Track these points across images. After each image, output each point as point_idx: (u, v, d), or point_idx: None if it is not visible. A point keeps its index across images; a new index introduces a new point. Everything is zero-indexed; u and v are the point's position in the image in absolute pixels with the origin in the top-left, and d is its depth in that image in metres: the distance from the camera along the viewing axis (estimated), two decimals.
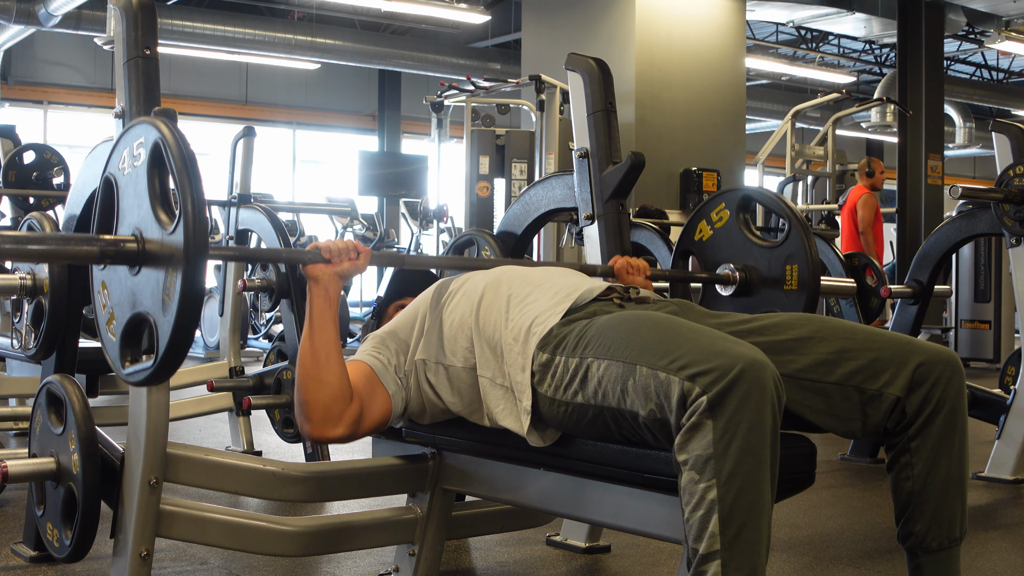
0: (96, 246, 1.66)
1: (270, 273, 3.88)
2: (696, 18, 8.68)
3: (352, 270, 1.93)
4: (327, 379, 1.87)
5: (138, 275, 1.66)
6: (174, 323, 1.56)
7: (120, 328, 1.70)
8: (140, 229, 1.65)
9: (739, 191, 2.57)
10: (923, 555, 1.75)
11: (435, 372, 1.96)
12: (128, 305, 1.68)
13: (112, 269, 1.72)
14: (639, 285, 2.38)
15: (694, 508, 1.50)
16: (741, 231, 2.53)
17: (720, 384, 1.50)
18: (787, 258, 2.40)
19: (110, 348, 1.74)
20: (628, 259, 2.41)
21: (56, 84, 13.88)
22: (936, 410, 1.73)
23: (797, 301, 2.37)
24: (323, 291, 1.90)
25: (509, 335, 1.86)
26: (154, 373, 1.65)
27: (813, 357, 1.77)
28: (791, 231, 2.42)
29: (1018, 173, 3.69)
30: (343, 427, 1.89)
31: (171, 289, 1.57)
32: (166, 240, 1.59)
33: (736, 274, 2.48)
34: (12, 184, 4.44)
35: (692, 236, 2.64)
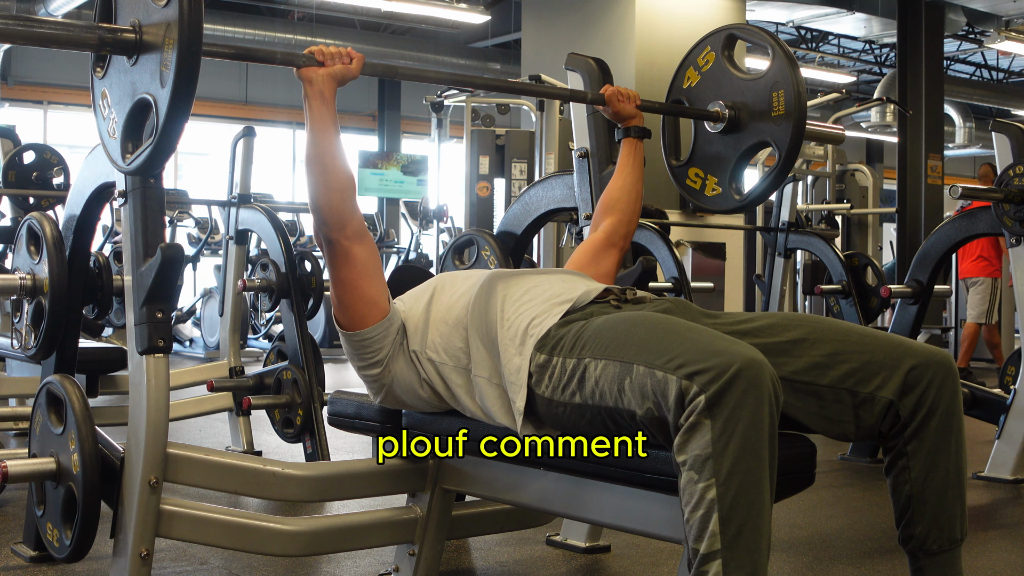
0: (95, 34, 1.71)
1: (270, 273, 3.88)
2: (696, 18, 8.67)
3: (345, 73, 1.94)
4: (336, 184, 1.92)
5: (136, 64, 1.70)
6: (172, 90, 1.60)
7: (122, 120, 1.75)
8: (137, 19, 1.70)
9: (722, 29, 2.53)
10: (924, 558, 1.75)
11: (427, 366, 1.96)
12: (128, 97, 1.73)
13: (111, 76, 1.78)
14: (629, 112, 2.41)
15: (694, 508, 1.50)
16: (727, 69, 2.49)
17: (718, 383, 1.49)
18: (772, 86, 2.38)
19: (112, 150, 1.79)
20: (618, 87, 2.41)
21: (56, 84, 13.87)
22: (931, 413, 1.73)
23: (786, 125, 2.34)
24: (319, 93, 1.92)
25: (505, 335, 1.86)
26: (155, 148, 1.68)
27: (806, 360, 1.77)
28: (774, 59, 2.39)
29: (1018, 173, 3.69)
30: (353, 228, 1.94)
31: (168, 60, 1.61)
32: (161, 14, 1.64)
33: (725, 111, 2.45)
34: (12, 184, 4.44)
35: (681, 85, 2.59)
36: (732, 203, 2.52)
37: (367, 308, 1.96)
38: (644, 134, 2.44)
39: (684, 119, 2.61)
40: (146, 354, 1.85)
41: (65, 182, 4.52)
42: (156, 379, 1.86)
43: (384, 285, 2.00)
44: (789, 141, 2.34)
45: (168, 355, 1.88)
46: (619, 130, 2.45)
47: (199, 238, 8.69)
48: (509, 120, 9.36)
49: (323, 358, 4.04)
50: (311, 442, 3.64)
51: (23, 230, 2.49)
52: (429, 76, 2.33)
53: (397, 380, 2.00)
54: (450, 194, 9.65)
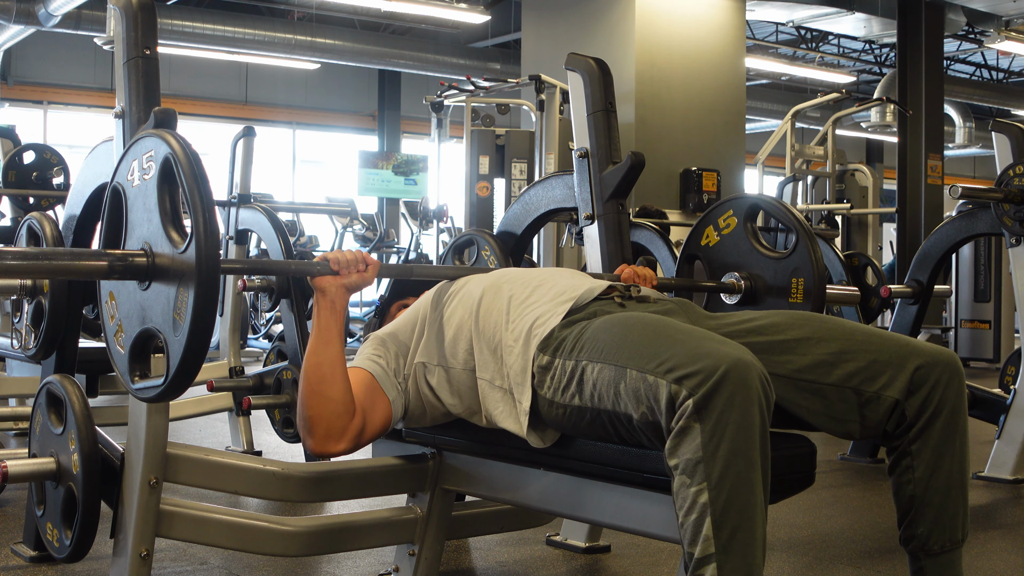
0: (105, 260, 1.61)
1: None
2: (696, 18, 8.67)
3: (360, 282, 1.91)
4: (331, 395, 1.86)
5: (148, 290, 1.62)
6: (186, 343, 1.53)
7: (129, 342, 1.67)
8: (149, 243, 1.62)
9: (747, 199, 2.58)
10: (926, 558, 1.75)
11: (435, 374, 1.95)
12: (137, 320, 1.65)
13: (118, 288, 1.70)
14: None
15: (687, 512, 1.50)
16: (748, 239, 2.54)
17: (705, 386, 1.49)
18: (793, 270, 2.41)
19: (119, 361, 1.71)
20: (635, 268, 2.39)
21: (56, 84, 13.87)
22: (936, 412, 1.72)
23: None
24: (330, 303, 1.89)
25: (510, 337, 1.85)
26: (165, 391, 1.61)
27: (811, 358, 1.77)
28: (798, 243, 2.43)
29: (1018, 173, 3.69)
30: (345, 442, 1.88)
31: (183, 309, 1.54)
32: (177, 258, 1.56)
33: (742, 283, 2.50)
34: (12, 184, 4.44)
35: (699, 241, 2.66)
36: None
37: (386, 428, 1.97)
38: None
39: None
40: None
41: (65, 182, 4.52)
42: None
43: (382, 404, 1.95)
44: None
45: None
46: None
47: None
48: (509, 120, 9.35)
49: None
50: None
51: (23, 230, 2.49)
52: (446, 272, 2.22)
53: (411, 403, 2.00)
54: (450, 194, 9.65)
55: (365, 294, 11.45)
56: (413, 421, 2.03)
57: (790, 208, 2.55)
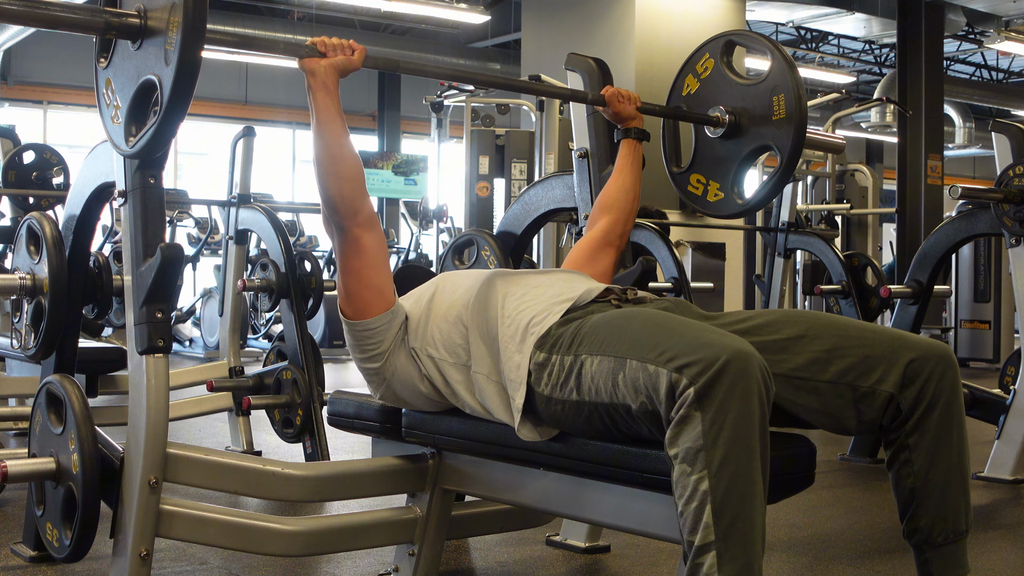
0: (101, 18, 1.72)
1: (270, 273, 3.88)
2: (696, 18, 8.67)
3: (347, 65, 1.95)
4: (344, 172, 1.93)
5: (140, 49, 1.72)
6: (176, 68, 1.61)
7: (126, 104, 1.75)
8: (142, 4, 1.71)
9: (720, 36, 2.52)
10: (930, 550, 1.75)
11: (427, 363, 1.97)
12: (132, 81, 1.74)
13: (115, 64, 1.79)
14: (629, 113, 2.42)
15: (687, 501, 1.50)
16: (726, 75, 2.50)
17: (707, 375, 1.50)
18: (772, 90, 2.38)
19: (115, 135, 1.80)
20: (618, 88, 2.42)
21: (56, 84, 13.87)
22: (932, 405, 1.73)
23: (787, 131, 2.35)
24: (322, 84, 1.93)
25: (506, 332, 1.86)
26: (158, 128, 1.68)
27: (806, 356, 1.77)
28: (773, 63, 2.39)
29: (1018, 173, 3.69)
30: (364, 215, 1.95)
31: (173, 39, 1.62)
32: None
33: (726, 115, 2.46)
34: (12, 184, 4.43)
35: (680, 92, 2.60)
36: (735, 208, 2.52)
37: (373, 297, 1.97)
38: (643, 136, 2.44)
39: (684, 125, 2.61)
40: (146, 354, 1.85)
41: (65, 182, 4.51)
42: (156, 379, 1.86)
43: (390, 277, 2.01)
44: (791, 144, 2.34)
45: (168, 355, 1.88)
46: (618, 131, 2.45)
47: (199, 238, 8.69)
48: (509, 120, 9.35)
49: (323, 358, 4.04)
50: (311, 442, 3.64)
51: (23, 230, 2.49)
52: (430, 71, 2.32)
53: (397, 375, 2.01)
54: (450, 194, 9.65)
55: None
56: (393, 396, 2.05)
57: (762, 35, 2.51)
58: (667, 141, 2.66)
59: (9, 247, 4.57)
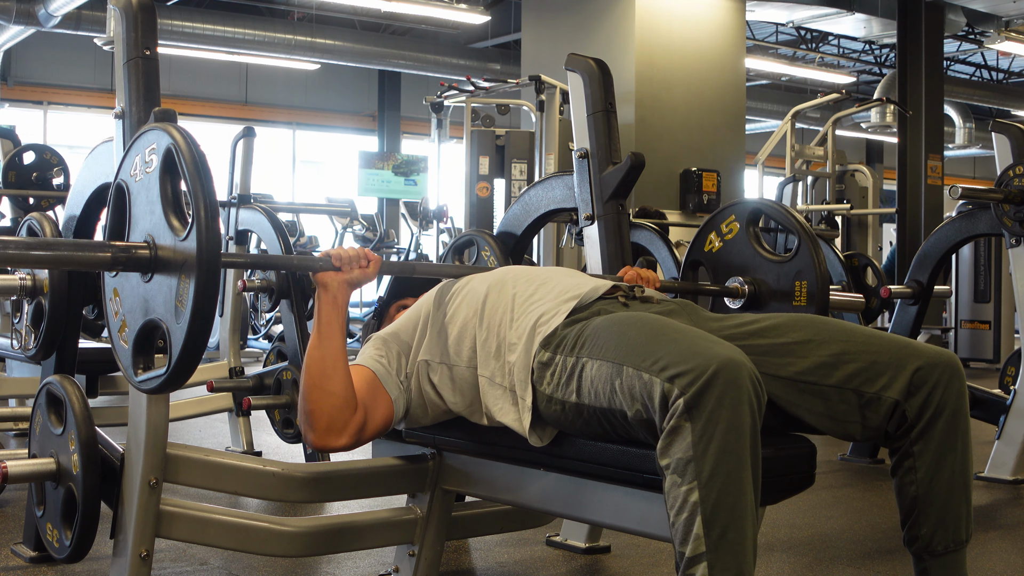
0: (108, 252, 1.64)
1: (270, 274, 3.88)
2: (696, 18, 8.68)
3: (362, 278, 1.93)
4: (333, 389, 1.87)
5: (150, 282, 1.65)
6: (187, 330, 1.55)
7: (133, 335, 1.69)
8: (152, 235, 1.64)
9: (748, 203, 2.59)
10: (929, 559, 1.74)
11: (438, 372, 1.96)
12: (140, 312, 1.67)
13: (124, 276, 1.71)
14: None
15: (678, 511, 1.50)
16: (751, 244, 2.56)
17: (696, 385, 1.50)
18: (796, 273, 2.42)
19: (122, 355, 1.73)
20: (638, 270, 2.40)
21: (56, 84, 13.88)
22: (937, 413, 1.72)
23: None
24: (332, 299, 1.90)
25: (513, 334, 1.86)
26: (168, 380, 1.63)
27: (812, 360, 1.77)
28: (800, 246, 2.44)
29: (1018, 173, 3.69)
30: (347, 437, 1.89)
31: (184, 296, 1.56)
32: (179, 247, 1.58)
33: (745, 287, 2.51)
34: (12, 184, 4.44)
35: (702, 247, 2.68)
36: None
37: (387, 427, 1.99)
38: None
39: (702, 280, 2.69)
40: None
41: (65, 182, 4.52)
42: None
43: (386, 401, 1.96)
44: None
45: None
46: None
47: None
48: (509, 120, 9.35)
49: None
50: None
51: (23, 230, 2.49)
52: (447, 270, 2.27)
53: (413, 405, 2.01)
54: (450, 194, 9.65)
55: (365, 294, 11.46)
56: (414, 421, 2.03)
57: (792, 212, 2.56)
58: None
59: None
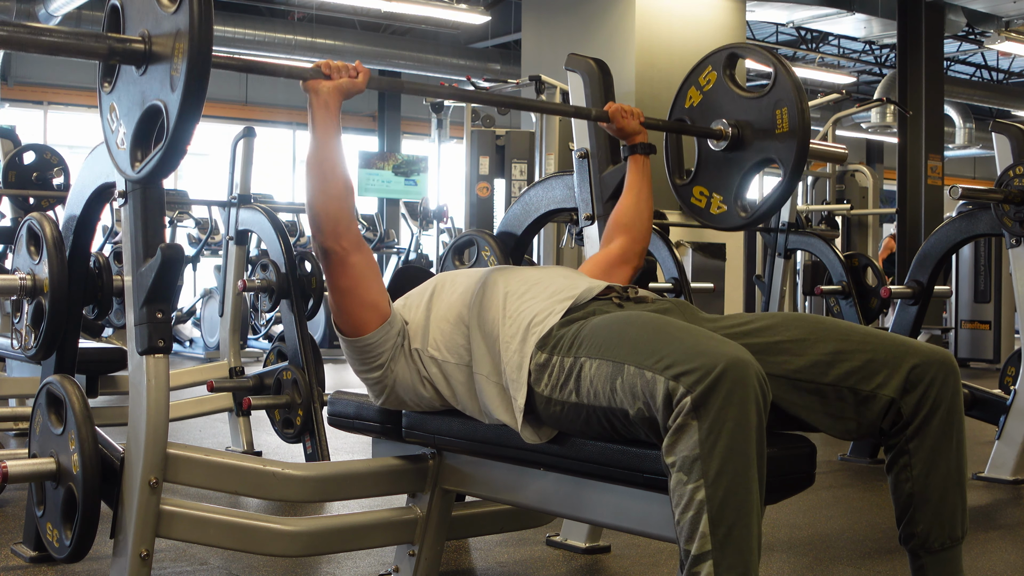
0: (105, 43, 1.70)
1: (270, 273, 3.88)
2: (696, 18, 8.68)
3: (351, 87, 1.96)
4: (334, 191, 1.92)
5: (145, 74, 1.70)
6: (183, 94, 1.60)
7: (131, 129, 1.74)
8: (146, 30, 1.70)
9: (724, 48, 2.53)
10: (926, 555, 1.75)
11: (429, 364, 1.97)
12: (137, 107, 1.73)
13: (119, 90, 1.77)
14: (633, 129, 2.43)
15: (684, 509, 1.50)
16: (729, 88, 2.50)
17: (703, 384, 1.50)
18: (776, 103, 2.38)
19: (120, 160, 1.79)
20: (621, 105, 2.41)
21: (56, 84, 13.87)
22: (933, 411, 1.73)
23: (790, 144, 2.35)
24: (323, 103, 1.93)
25: (507, 332, 1.86)
26: (165, 154, 1.67)
27: (808, 358, 1.77)
28: (777, 76, 2.39)
29: (1018, 173, 3.69)
30: (350, 237, 1.93)
31: (179, 65, 1.61)
32: (171, 21, 1.64)
33: (728, 129, 2.46)
34: (12, 184, 4.43)
35: (683, 104, 2.60)
36: (738, 220, 2.53)
37: (368, 313, 1.96)
38: (650, 150, 2.46)
39: (688, 137, 2.62)
40: (146, 354, 1.85)
41: (65, 182, 4.51)
42: (156, 379, 1.86)
43: (383, 289, 2.00)
44: (794, 158, 2.35)
45: (168, 355, 1.88)
46: (625, 147, 2.47)
47: (199, 238, 8.69)
48: (509, 120, 9.36)
49: (323, 358, 4.04)
50: (311, 442, 3.64)
51: (23, 230, 2.49)
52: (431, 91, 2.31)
53: (399, 381, 2.01)
54: (450, 194, 9.65)
55: None
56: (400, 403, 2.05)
57: (764, 46, 2.51)
58: (670, 153, 2.67)
59: (9, 247, 4.57)
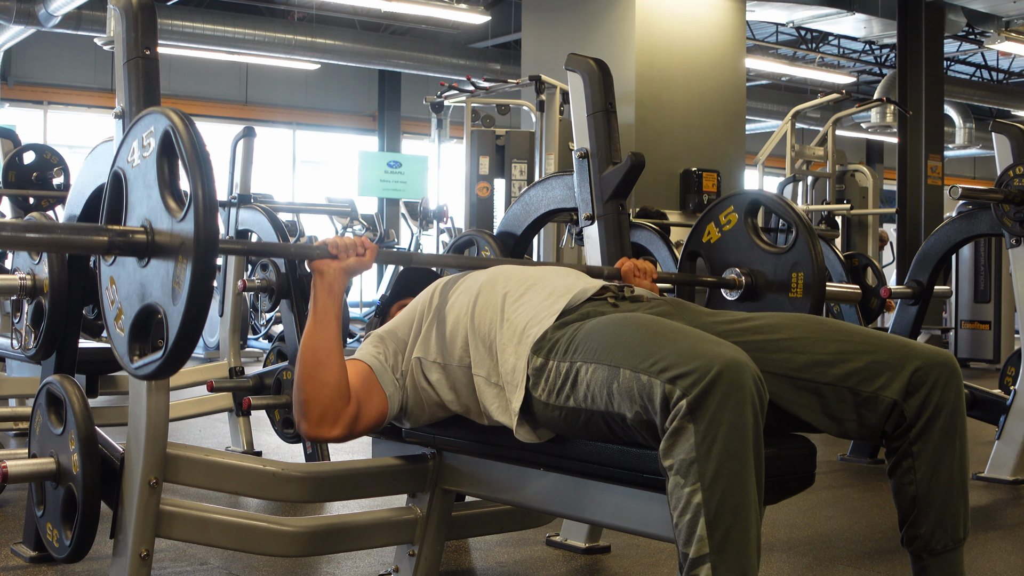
0: (105, 236, 1.64)
1: (270, 273, 3.88)
2: (696, 18, 8.68)
3: (358, 266, 1.93)
4: (326, 379, 1.86)
5: (147, 267, 1.64)
6: (184, 312, 1.54)
7: (129, 322, 1.68)
8: (149, 220, 1.64)
9: (748, 195, 2.59)
10: (929, 557, 1.75)
11: (432, 370, 1.96)
12: (137, 298, 1.67)
13: (120, 263, 1.71)
14: (646, 288, 2.38)
15: (681, 512, 1.50)
16: (748, 235, 2.55)
17: (699, 387, 1.49)
18: (793, 265, 2.42)
19: (118, 343, 1.72)
20: (635, 262, 2.39)
21: (56, 84, 13.88)
22: (936, 413, 1.73)
23: (802, 308, 2.40)
24: (327, 287, 1.90)
25: (504, 334, 1.86)
26: (164, 364, 1.62)
27: (808, 357, 1.77)
28: (798, 238, 2.44)
29: (1018, 173, 3.69)
30: (340, 428, 1.89)
31: (181, 278, 1.55)
32: (176, 228, 1.58)
33: (742, 278, 2.51)
34: (12, 184, 4.44)
35: (700, 238, 2.67)
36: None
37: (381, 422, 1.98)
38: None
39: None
40: None
41: (65, 182, 4.51)
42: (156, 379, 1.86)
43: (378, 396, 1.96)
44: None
45: None
46: None
47: None
48: (509, 120, 9.35)
49: None
50: (311, 442, 3.64)
51: None
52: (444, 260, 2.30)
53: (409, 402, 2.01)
54: (450, 194, 9.65)
55: (366, 294, 11.46)
56: (413, 419, 2.03)
57: (790, 203, 2.56)
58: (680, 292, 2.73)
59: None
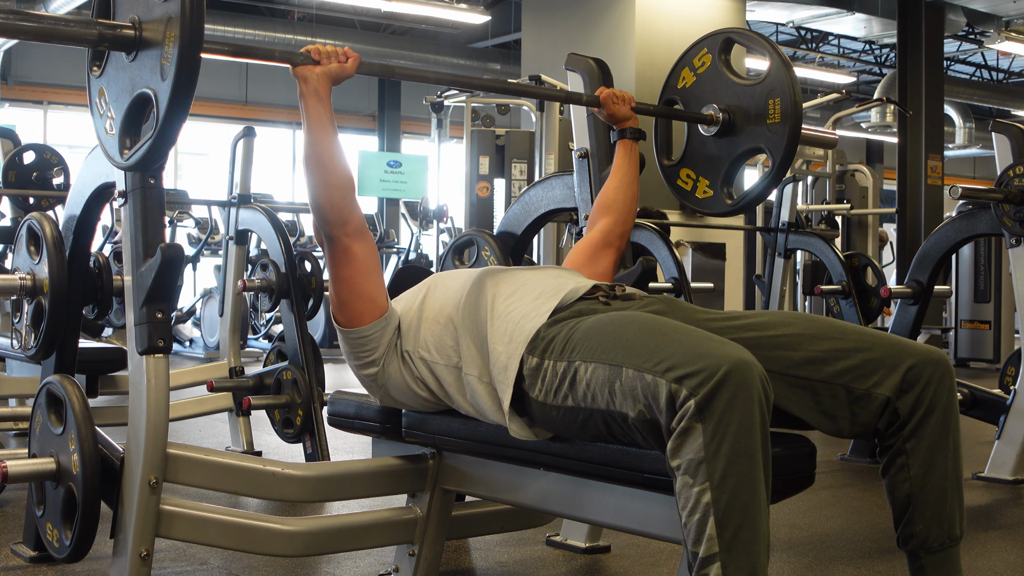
0: (95, 29, 1.69)
1: (270, 273, 3.88)
2: (696, 18, 8.68)
3: (340, 72, 1.95)
4: (334, 181, 1.94)
5: (135, 60, 1.70)
6: (173, 84, 1.59)
7: (119, 118, 1.74)
8: (136, 16, 1.70)
9: (720, 33, 2.52)
10: (925, 556, 1.75)
11: (420, 365, 1.97)
12: (127, 93, 1.73)
13: (109, 73, 1.77)
14: (624, 114, 2.41)
15: (691, 512, 1.50)
16: (723, 73, 2.48)
17: (707, 386, 1.49)
18: (769, 92, 2.36)
19: (109, 147, 1.78)
20: (613, 89, 2.42)
21: (56, 84, 13.87)
22: (929, 411, 1.73)
23: (781, 133, 2.34)
24: (313, 91, 1.93)
25: (494, 333, 1.86)
26: (155, 142, 1.67)
27: (802, 354, 1.78)
28: (771, 64, 2.38)
29: (1018, 173, 3.69)
30: (354, 225, 1.95)
31: (169, 53, 1.60)
32: (162, 8, 1.63)
33: (719, 114, 2.45)
34: (12, 184, 4.44)
35: (675, 84, 2.58)
36: (723, 206, 2.51)
37: (366, 305, 1.97)
38: (639, 135, 2.44)
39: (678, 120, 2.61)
40: (146, 354, 1.85)
41: (65, 182, 4.51)
42: (156, 379, 1.86)
43: (382, 283, 2.01)
44: (783, 148, 2.34)
45: (168, 355, 1.88)
46: (614, 132, 2.46)
47: (199, 238, 8.70)
48: (509, 120, 9.36)
49: (323, 358, 4.04)
50: (311, 442, 3.64)
51: (23, 230, 2.49)
52: (426, 76, 2.31)
53: (392, 380, 2.01)
54: (450, 194, 9.65)
55: None
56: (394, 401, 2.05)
57: (759, 35, 2.50)
58: (659, 134, 2.65)
59: (9, 247, 4.57)
